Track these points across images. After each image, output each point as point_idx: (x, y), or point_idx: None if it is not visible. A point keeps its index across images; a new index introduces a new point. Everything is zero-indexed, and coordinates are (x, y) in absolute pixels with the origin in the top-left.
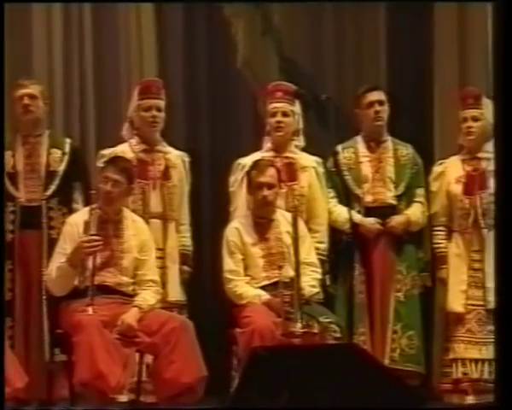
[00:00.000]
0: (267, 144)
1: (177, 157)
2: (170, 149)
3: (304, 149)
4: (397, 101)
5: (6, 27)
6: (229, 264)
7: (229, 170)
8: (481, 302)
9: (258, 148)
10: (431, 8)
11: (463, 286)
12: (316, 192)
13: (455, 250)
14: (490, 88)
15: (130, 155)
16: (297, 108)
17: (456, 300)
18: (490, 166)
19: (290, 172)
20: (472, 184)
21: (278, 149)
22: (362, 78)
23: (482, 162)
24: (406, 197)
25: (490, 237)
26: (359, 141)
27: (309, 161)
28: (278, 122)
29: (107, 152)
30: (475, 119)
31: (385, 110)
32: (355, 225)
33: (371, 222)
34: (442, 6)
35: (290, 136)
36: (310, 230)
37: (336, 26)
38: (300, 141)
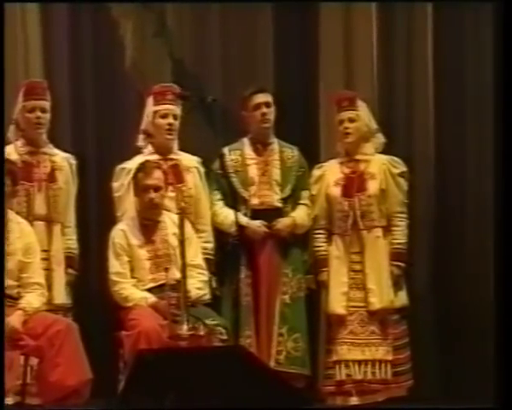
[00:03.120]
0: (148, 147)
1: (63, 159)
2: (56, 151)
3: (187, 151)
4: (283, 103)
5: None
6: (116, 266)
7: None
8: (363, 304)
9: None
10: (317, 9)
11: (344, 288)
12: (200, 192)
13: (335, 253)
14: (375, 90)
15: (14, 156)
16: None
17: (337, 302)
18: (368, 167)
19: (176, 173)
20: (350, 186)
21: (163, 151)
22: (249, 79)
23: (360, 164)
24: (292, 200)
25: (369, 238)
26: (246, 143)
27: (191, 161)
28: (170, 124)
29: None
30: (351, 120)
31: (271, 112)
32: (241, 228)
33: (257, 225)
34: (328, 6)
35: (176, 138)
36: (196, 230)
37: (223, 27)
38: (175, 141)
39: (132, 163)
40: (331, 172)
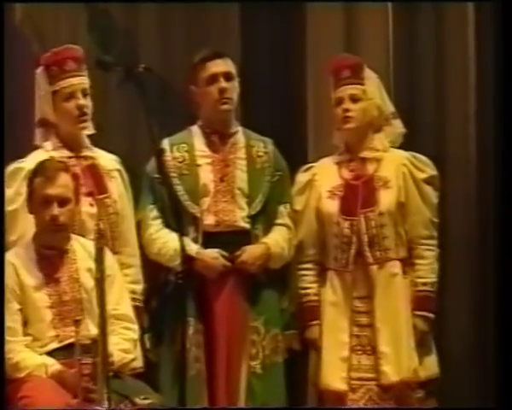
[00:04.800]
0: (52, 139)
1: None
2: None
3: (105, 146)
4: (252, 75)
5: None
6: None
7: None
8: (372, 375)
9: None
10: None
11: (344, 351)
12: (125, 208)
13: (330, 297)
14: (390, 61)
15: None
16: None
17: (334, 372)
18: (380, 169)
19: (96, 179)
20: (353, 198)
21: (73, 145)
22: (201, 41)
23: (368, 165)
24: (264, 218)
25: (381, 276)
26: (196, 134)
27: (110, 161)
28: (80, 107)
29: None
30: (354, 98)
31: (234, 88)
32: (189, 260)
33: (213, 255)
34: None
35: (90, 125)
36: (121, 265)
37: None
38: (91, 128)
39: (30, 161)
40: (324, 177)
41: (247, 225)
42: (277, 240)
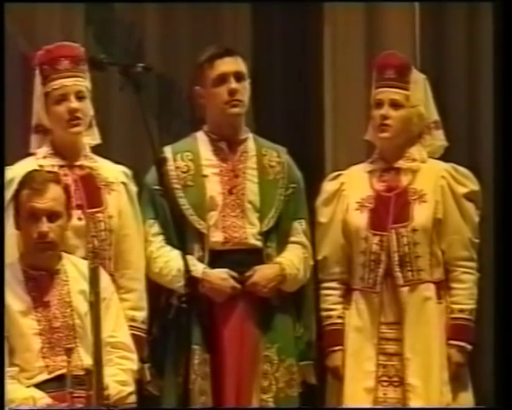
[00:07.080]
0: (45, 146)
1: None
2: None
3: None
4: (264, 77)
5: None
6: None
7: None
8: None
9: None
10: None
11: (369, 382)
12: (128, 225)
13: (355, 321)
14: (417, 60)
15: None
16: (88, 82)
17: (356, 404)
18: (415, 181)
19: (91, 191)
20: (384, 211)
21: (67, 153)
22: (209, 38)
23: (402, 176)
24: (278, 235)
25: (413, 300)
26: (202, 140)
27: (115, 172)
28: (72, 111)
29: None
30: (396, 104)
31: (245, 89)
32: (194, 281)
33: (221, 276)
34: None
35: (85, 129)
36: (119, 288)
37: None
38: (96, 137)
39: (17, 170)
40: (353, 187)
41: (259, 243)
42: (292, 260)
